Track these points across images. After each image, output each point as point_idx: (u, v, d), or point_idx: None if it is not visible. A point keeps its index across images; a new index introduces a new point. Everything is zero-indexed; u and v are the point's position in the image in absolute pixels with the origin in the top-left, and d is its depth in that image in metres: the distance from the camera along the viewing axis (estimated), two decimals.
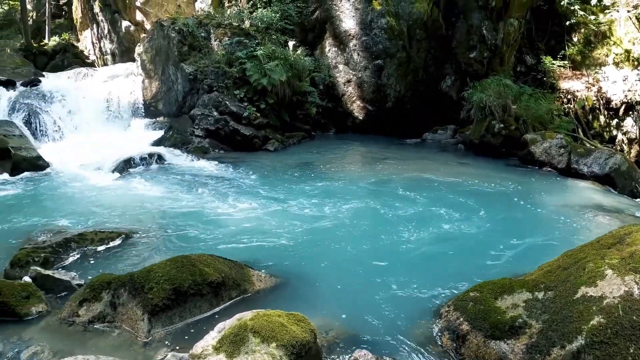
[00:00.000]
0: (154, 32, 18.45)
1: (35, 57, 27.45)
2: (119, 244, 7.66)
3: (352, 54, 16.92)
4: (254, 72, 15.68)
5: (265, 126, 15.53)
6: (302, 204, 9.57)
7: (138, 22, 26.14)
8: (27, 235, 8.10)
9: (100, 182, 11.66)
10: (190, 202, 9.88)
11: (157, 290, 5.29)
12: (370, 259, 7.13)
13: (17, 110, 16.18)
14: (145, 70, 18.42)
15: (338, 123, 17.82)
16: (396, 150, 14.87)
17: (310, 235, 7.98)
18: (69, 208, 9.75)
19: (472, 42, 16.59)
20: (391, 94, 16.73)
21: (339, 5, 17.09)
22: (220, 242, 7.71)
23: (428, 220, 8.69)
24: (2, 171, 12.59)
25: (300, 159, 13.78)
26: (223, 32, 17.60)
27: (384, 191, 10.45)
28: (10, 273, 6.53)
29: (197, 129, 15.20)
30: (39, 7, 34.45)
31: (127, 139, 15.78)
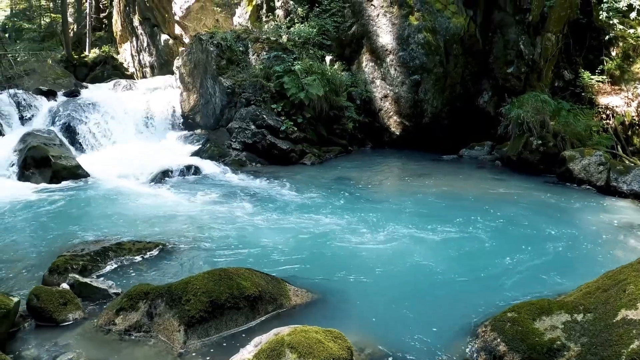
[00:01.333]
0: (192, 46, 18.63)
1: (75, 69, 27.93)
2: (156, 254, 7.71)
3: (389, 69, 16.90)
4: (292, 87, 15.74)
5: (302, 140, 15.58)
6: (338, 219, 9.53)
7: (177, 36, 26.42)
8: (66, 242, 8.22)
9: (138, 192, 11.80)
10: (227, 214, 9.91)
11: (195, 302, 5.33)
12: (406, 275, 7.09)
13: (57, 120, 16.47)
14: (183, 83, 18.60)
15: (375, 138, 17.78)
16: (432, 167, 14.78)
17: (346, 251, 7.95)
18: (106, 217, 9.86)
19: (509, 57, 16.48)
20: (428, 110, 16.66)
21: (376, 20, 17.10)
22: (256, 255, 7.72)
23: (463, 238, 8.60)
24: (42, 179, 12.80)
25: (337, 173, 13.74)
26: (261, 46, 17.70)
27: (420, 208, 10.39)
28: (48, 279, 6.62)
29: (235, 142, 15.29)
30: (79, 20, 35.03)
31: (165, 150, 15.95)
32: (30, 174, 13.01)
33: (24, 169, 13.11)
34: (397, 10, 16.64)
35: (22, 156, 13.33)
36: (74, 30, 34.33)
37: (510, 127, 15.26)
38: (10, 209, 10.53)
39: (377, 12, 17.07)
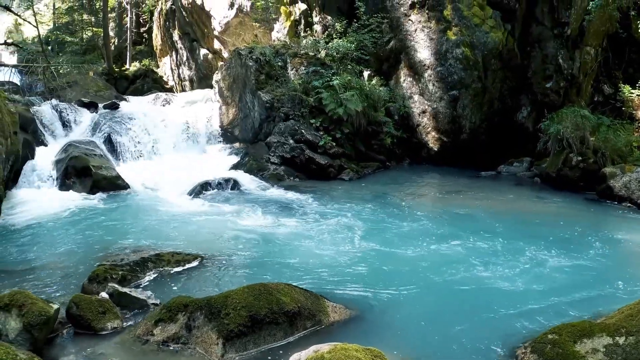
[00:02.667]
0: (231, 61, 18.76)
1: (116, 81, 28.28)
2: (194, 266, 7.78)
3: (427, 85, 16.83)
4: (330, 102, 15.76)
5: (340, 155, 15.57)
6: (376, 235, 9.50)
7: (216, 50, 26.63)
8: (105, 252, 8.34)
9: (176, 204, 11.91)
10: (265, 228, 9.93)
11: (234, 316, 5.34)
12: (443, 293, 7.03)
13: (98, 131, 16.69)
14: (222, 97, 18.73)
15: (412, 154, 17.69)
16: (471, 183, 14.68)
17: (384, 268, 7.91)
18: (145, 228, 9.99)
19: (548, 71, 16.33)
20: (466, 125, 16.54)
21: (413, 35, 17.06)
22: (294, 269, 7.71)
23: (502, 256, 8.50)
24: (83, 189, 12.99)
25: (375, 189, 13.70)
26: (299, 61, 17.77)
27: (458, 225, 10.29)
28: (88, 288, 6.69)
29: (273, 156, 15.35)
30: (120, 34, 35.50)
31: (203, 163, 16.06)
32: (71, 183, 13.21)
33: (65, 178, 13.32)
34: (435, 25, 16.57)
35: (64, 165, 13.53)
36: (114, 44, 34.78)
37: (549, 143, 15.10)
38: (52, 218, 10.73)
39: (414, 27, 17.02)
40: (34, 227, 10.16)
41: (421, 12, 16.88)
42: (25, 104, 16.50)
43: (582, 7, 16.12)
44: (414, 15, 17.02)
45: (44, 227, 10.16)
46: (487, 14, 16.24)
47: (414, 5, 16.99)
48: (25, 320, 5.26)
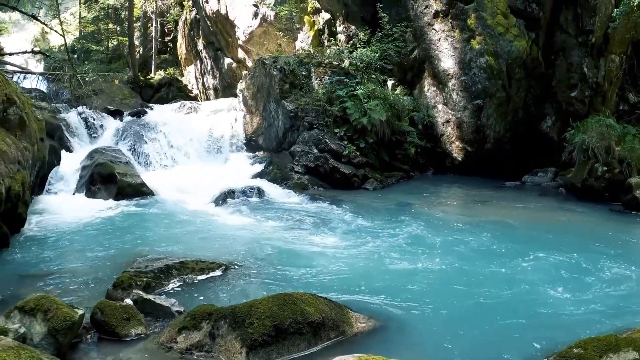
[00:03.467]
0: (255, 70, 18.82)
1: (141, 90, 28.54)
2: (218, 274, 7.75)
3: (451, 94, 16.77)
4: (354, 111, 15.76)
5: (364, 165, 15.55)
6: (400, 245, 9.44)
7: (240, 60, 26.76)
8: (129, 258, 8.34)
9: (201, 212, 11.94)
10: (289, 237, 9.90)
11: (258, 325, 5.32)
12: (468, 304, 6.92)
13: (123, 139, 16.86)
14: (246, 106, 18.80)
15: (436, 163, 17.65)
16: (495, 193, 14.57)
17: (408, 278, 7.82)
18: (169, 235, 10.01)
19: (572, 80, 16.17)
20: (490, 135, 16.46)
21: (437, 44, 17.01)
22: (318, 279, 7.67)
23: (527, 267, 8.38)
24: (108, 195, 13.09)
25: (399, 199, 13.60)
26: (323, 70, 17.80)
27: (482, 236, 10.17)
28: (112, 294, 6.70)
29: (297, 165, 15.36)
30: (145, 43, 35.78)
31: (227, 171, 16.12)
32: (96, 190, 13.32)
33: (90, 185, 13.43)
34: (458, 34, 16.51)
35: (89, 172, 13.66)
36: (139, 53, 35.05)
37: (574, 153, 14.93)
38: (77, 223, 10.81)
39: (438, 36, 16.99)
40: (59, 232, 10.23)
41: (445, 21, 16.84)
42: (52, 111, 16.71)
43: (606, 15, 15.98)
44: (438, 24, 16.98)
45: (69, 232, 10.23)
46: (510, 22, 16.13)
47: (438, 14, 16.95)
48: (50, 325, 5.28)
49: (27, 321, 5.36)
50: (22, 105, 10.46)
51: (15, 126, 10.04)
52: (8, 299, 6.74)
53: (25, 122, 10.38)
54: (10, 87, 10.45)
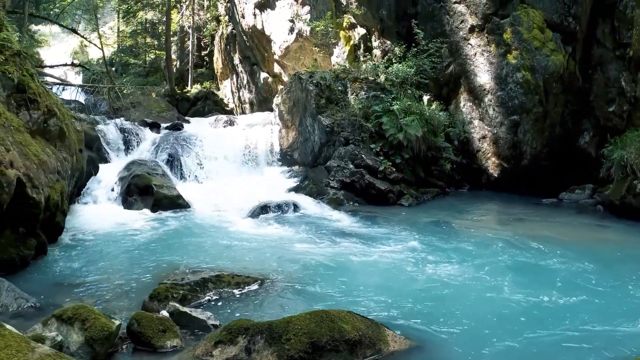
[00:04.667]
0: (292, 84, 18.91)
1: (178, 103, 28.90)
2: (254, 289, 7.72)
3: (487, 109, 16.65)
4: (390, 127, 15.71)
5: (400, 181, 15.44)
6: (436, 262, 9.31)
7: (276, 74, 26.90)
8: (165, 270, 8.40)
9: (236, 226, 11.97)
10: (324, 253, 9.83)
11: (295, 342, 5.28)
12: (508, 325, 6.76)
13: (160, 151, 17.02)
14: (282, 120, 18.88)
15: (472, 179, 17.48)
16: (531, 211, 14.31)
17: (445, 296, 7.72)
18: (205, 248, 10.06)
19: (610, 94, 15.82)
20: (527, 151, 16.25)
21: (473, 59, 16.92)
22: (354, 295, 7.61)
23: (565, 288, 8.14)
24: (144, 207, 13.23)
25: (435, 216, 13.41)
26: (359, 85, 17.79)
27: (521, 255, 9.97)
28: (148, 305, 6.74)
29: (333, 180, 15.30)
30: (182, 57, 36.17)
31: (263, 185, 16.13)
32: (133, 201, 13.47)
33: (127, 196, 13.59)
34: (494, 48, 16.40)
35: (127, 183, 13.82)
36: (176, 67, 35.45)
37: (612, 169, 14.65)
38: (114, 234, 10.95)
39: (474, 51, 16.89)
40: (95, 241, 10.37)
41: (480, 36, 16.75)
42: (90, 123, 16.92)
43: None
44: (474, 39, 16.89)
45: (105, 242, 10.35)
46: (547, 36, 15.93)
47: (473, 29, 16.86)
48: (87, 334, 5.33)
49: (64, 330, 5.40)
50: (62, 117, 10.60)
51: (55, 137, 10.17)
52: (45, 307, 6.82)
53: (64, 133, 10.51)
54: (50, 98, 10.60)
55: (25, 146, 8.85)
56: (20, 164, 8.22)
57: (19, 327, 5.52)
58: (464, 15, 17.03)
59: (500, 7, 16.42)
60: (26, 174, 8.29)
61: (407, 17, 18.51)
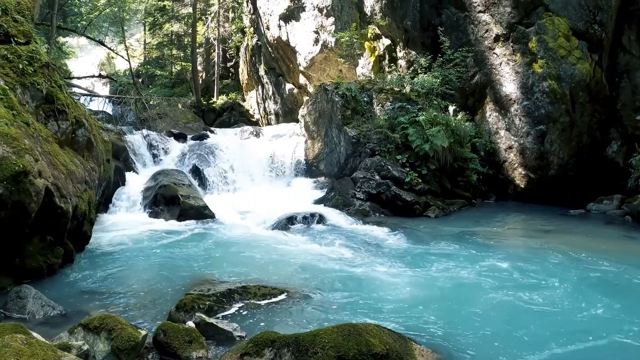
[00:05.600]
0: (317, 96, 18.95)
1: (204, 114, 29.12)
2: (280, 300, 7.69)
3: (514, 119, 16.53)
4: (416, 138, 15.67)
5: (426, 192, 15.38)
6: (463, 275, 9.22)
7: (301, 85, 26.95)
8: (191, 280, 8.42)
9: (262, 237, 11.96)
10: (350, 265, 9.77)
11: (322, 355, 5.24)
12: (536, 339, 6.63)
13: (187, 161, 17.18)
14: (308, 132, 18.91)
15: (498, 190, 17.35)
16: (559, 222, 14.15)
17: (473, 310, 7.60)
18: (231, 259, 10.07)
19: (638, 102, 15.60)
20: (554, 161, 16.11)
21: (498, 69, 16.83)
22: (380, 308, 7.54)
23: (593, 301, 7.99)
24: (170, 216, 13.31)
25: (462, 228, 13.27)
26: (385, 97, 17.79)
27: (548, 268, 9.80)
28: (175, 316, 6.73)
29: (359, 192, 15.26)
30: (208, 69, 36.40)
31: (288, 196, 16.20)
32: (159, 210, 13.57)
33: (154, 205, 13.71)
34: (520, 58, 16.31)
35: (153, 193, 13.93)
36: (202, 78, 35.70)
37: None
38: (140, 243, 11.04)
39: (499, 60, 16.81)
40: (122, 250, 10.44)
41: (506, 45, 16.67)
42: (118, 133, 17.10)
43: None
44: (499, 48, 16.82)
45: (132, 251, 10.41)
46: (573, 45, 15.77)
47: (498, 38, 16.80)
48: (114, 344, 5.35)
49: (90, 339, 5.42)
50: (90, 127, 10.71)
51: (83, 147, 10.28)
52: (71, 315, 6.88)
53: (92, 143, 10.62)
54: (79, 109, 10.71)
55: (53, 156, 8.94)
56: (49, 174, 8.30)
57: (45, 334, 5.57)
58: (488, 24, 16.98)
59: (525, 15, 16.33)
60: (54, 183, 8.36)
61: (431, 27, 18.55)
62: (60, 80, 10.46)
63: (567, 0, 15.83)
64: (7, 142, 7.63)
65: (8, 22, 9.57)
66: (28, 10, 10.49)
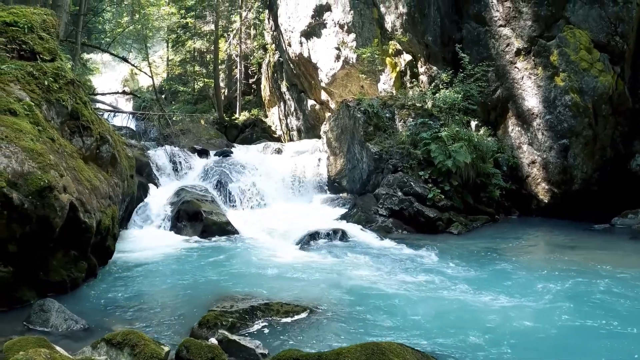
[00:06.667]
0: (339, 112, 18.99)
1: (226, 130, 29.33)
2: (303, 318, 7.66)
3: (536, 134, 16.41)
4: (439, 154, 15.60)
5: (448, 208, 15.28)
6: (488, 293, 9.07)
7: (323, 101, 26.98)
8: (214, 296, 8.41)
9: (284, 253, 11.92)
10: (373, 282, 9.70)
11: None
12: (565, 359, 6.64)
13: (209, 177, 17.26)
14: (330, 148, 18.94)
15: (521, 206, 17.18)
16: (584, 238, 13.99)
17: (497, 329, 7.47)
18: (254, 275, 10.06)
19: None
20: (578, 176, 15.93)
21: (520, 83, 16.73)
22: (404, 326, 7.48)
23: (622, 318, 7.80)
24: (193, 232, 13.37)
25: (486, 244, 13.16)
26: (407, 113, 17.78)
27: (575, 284, 9.63)
28: (197, 332, 6.74)
29: (381, 208, 15.18)
30: (230, 85, 36.61)
31: (311, 212, 16.21)
32: (182, 226, 13.65)
33: (177, 221, 13.79)
34: (541, 71, 16.20)
35: (176, 209, 14.01)
36: (224, 94, 35.88)
37: None
38: (163, 258, 11.09)
39: (521, 74, 16.72)
40: (145, 266, 10.50)
41: (527, 59, 16.60)
42: (141, 149, 17.25)
43: None
44: (520, 62, 16.75)
45: (154, 267, 10.49)
46: (594, 57, 15.63)
47: (519, 52, 16.72)
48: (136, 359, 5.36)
49: (113, 354, 5.45)
50: (114, 143, 10.82)
51: (107, 163, 10.38)
52: (94, 329, 6.94)
53: (116, 159, 10.72)
54: (103, 125, 10.83)
55: (78, 172, 9.04)
56: (74, 189, 8.39)
57: (68, 348, 5.61)
58: (509, 38, 16.93)
59: (545, 29, 16.26)
60: (79, 198, 8.45)
61: (452, 42, 18.52)
62: (85, 96, 10.60)
63: (587, 12, 15.74)
64: (32, 158, 7.73)
65: (34, 40, 9.73)
66: (53, 27, 10.67)
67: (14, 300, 7.69)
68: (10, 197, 7.16)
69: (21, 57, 9.45)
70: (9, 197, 7.15)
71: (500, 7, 16.99)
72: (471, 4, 17.91)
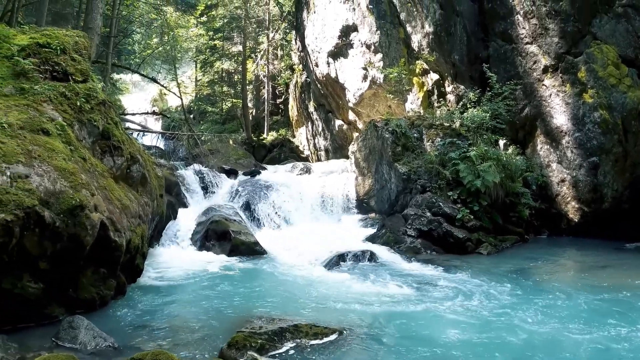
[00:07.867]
0: (367, 132, 19.02)
1: (254, 150, 29.47)
2: (332, 340, 7.57)
3: (565, 152, 16.25)
4: (467, 174, 15.50)
5: (478, 229, 15.11)
6: (521, 315, 8.93)
7: (350, 122, 27.03)
8: (242, 317, 8.38)
9: (313, 274, 11.90)
10: (402, 304, 9.62)
11: None
12: None
13: (237, 197, 17.33)
14: (358, 168, 18.96)
15: (551, 225, 16.97)
16: (615, 257, 13.80)
17: (531, 352, 7.34)
18: (282, 296, 10.05)
19: None
20: (608, 194, 15.68)
21: (548, 100, 16.59)
22: (434, 350, 7.37)
23: None
24: (221, 252, 13.44)
25: (515, 264, 12.99)
26: (435, 132, 17.75)
27: (608, 306, 9.49)
28: (226, 353, 6.71)
29: (410, 229, 15.10)
30: (258, 105, 36.87)
31: (339, 233, 16.14)
32: (210, 245, 13.71)
33: (205, 240, 13.85)
34: (569, 88, 16.06)
35: (205, 228, 14.08)
36: (252, 114, 36.13)
37: None
38: (191, 277, 11.14)
39: (549, 92, 16.59)
40: (173, 284, 10.59)
41: (555, 76, 16.47)
42: (170, 168, 17.39)
43: None
44: (548, 79, 16.62)
45: (183, 286, 10.55)
46: (622, 72, 15.43)
47: (547, 69, 16.61)
48: None
49: None
50: (145, 163, 10.93)
51: (137, 182, 10.48)
52: (122, 347, 6.96)
53: (146, 178, 10.82)
54: (133, 145, 10.96)
55: (109, 191, 9.14)
56: (104, 208, 8.48)
57: None
58: (536, 55, 16.84)
59: (572, 45, 16.14)
60: (109, 217, 8.54)
61: (479, 60, 18.50)
62: (116, 117, 10.74)
63: (614, 27, 15.60)
64: (64, 177, 7.85)
65: (66, 61, 9.90)
66: (85, 49, 10.83)
67: (43, 316, 7.77)
68: (42, 215, 7.26)
69: (54, 78, 9.61)
70: (41, 215, 7.25)
71: (527, 25, 16.93)
72: (497, 21, 17.86)
